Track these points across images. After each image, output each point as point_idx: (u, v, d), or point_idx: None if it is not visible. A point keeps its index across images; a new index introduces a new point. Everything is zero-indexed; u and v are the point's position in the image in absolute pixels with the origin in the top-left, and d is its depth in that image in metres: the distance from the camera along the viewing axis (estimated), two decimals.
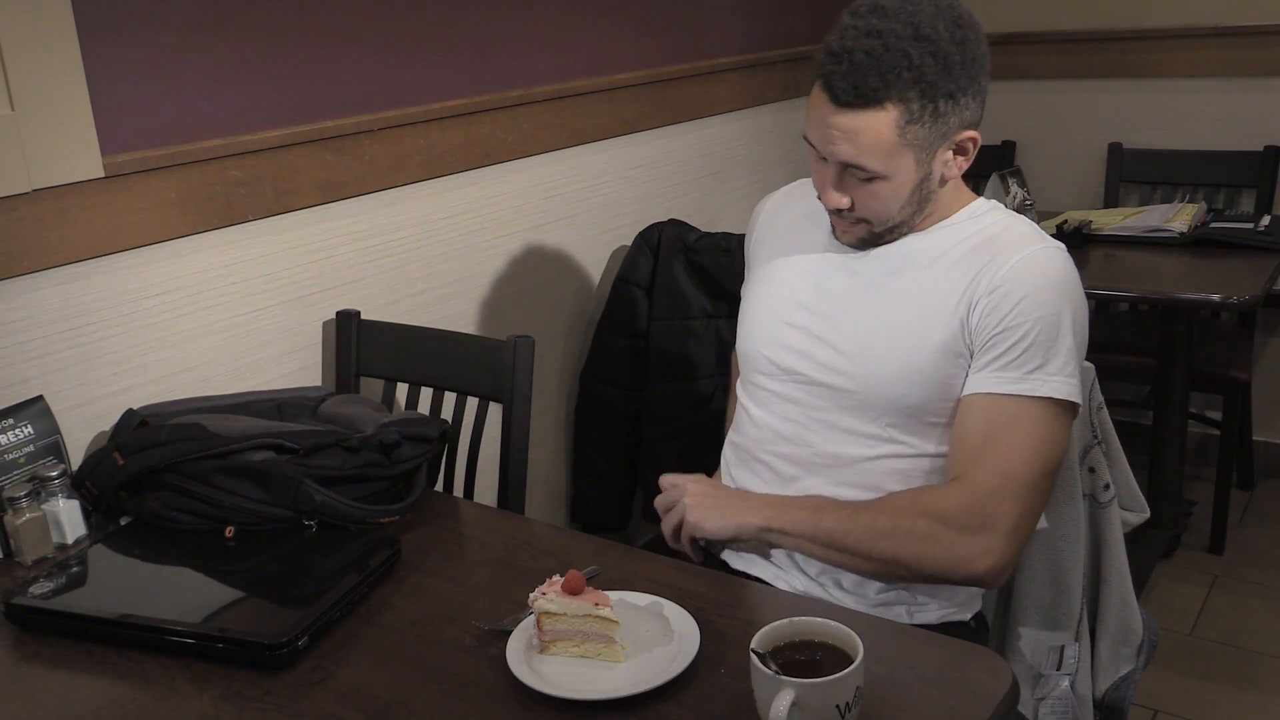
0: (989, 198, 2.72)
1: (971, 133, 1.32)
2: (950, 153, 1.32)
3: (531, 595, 1.10)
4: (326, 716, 1.04)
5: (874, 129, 1.26)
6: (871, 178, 1.30)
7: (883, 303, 1.38)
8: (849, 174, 1.32)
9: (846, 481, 1.38)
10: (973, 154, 1.35)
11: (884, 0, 1.27)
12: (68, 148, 1.50)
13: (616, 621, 1.08)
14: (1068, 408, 1.29)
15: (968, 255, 1.35)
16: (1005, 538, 1.26)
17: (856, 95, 1.24)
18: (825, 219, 1.45)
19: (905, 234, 1.39)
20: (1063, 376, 1.28)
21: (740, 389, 1.53)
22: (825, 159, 1.32)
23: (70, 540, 1.41)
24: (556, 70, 2.30)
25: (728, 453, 1.54)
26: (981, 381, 1.31)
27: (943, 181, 1.34)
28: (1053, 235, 2.57)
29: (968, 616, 1.40)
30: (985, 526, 1.25)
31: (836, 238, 1.43)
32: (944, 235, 1.38)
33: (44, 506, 1.39)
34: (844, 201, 1.34)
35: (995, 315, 1.29)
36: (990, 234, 1.37)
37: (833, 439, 1.39)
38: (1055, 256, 1.33)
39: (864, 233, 1.38)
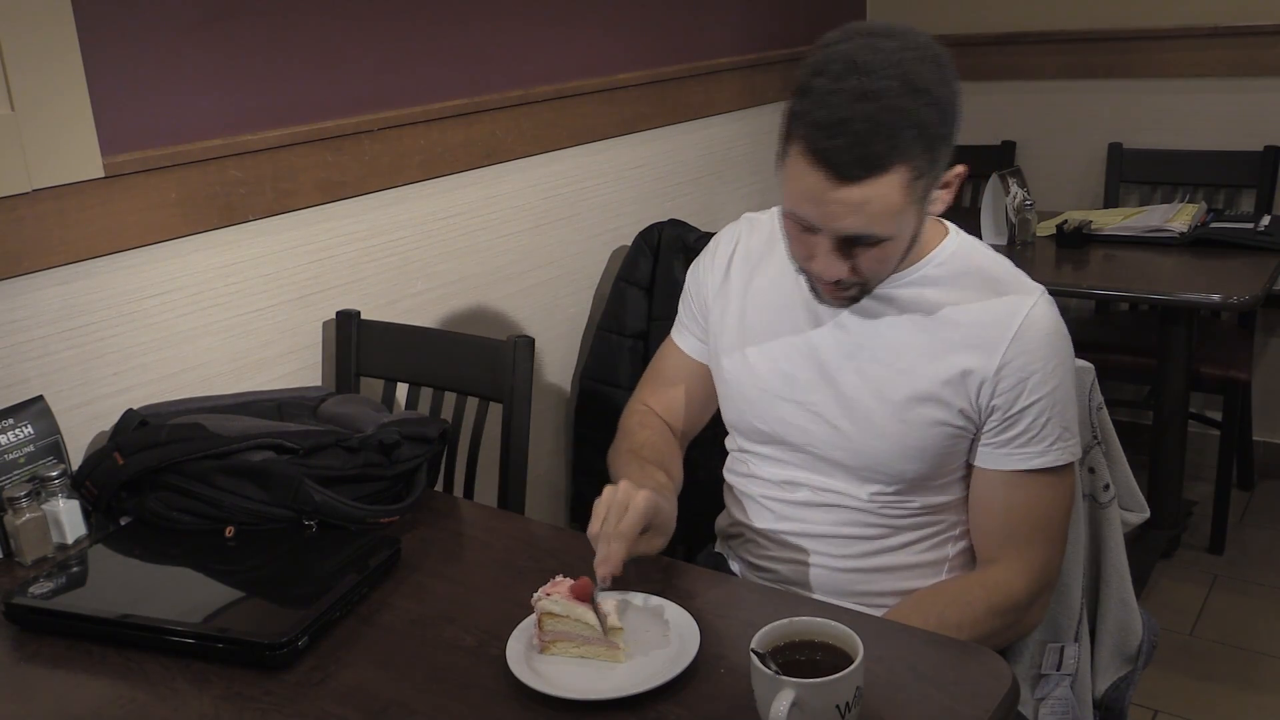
0: (989, 198, 2.74)
1: (959, 169, 1.24)
2: (938, 190, 1.24)
3: (535, 595, 1.10)
4: (326, 716, 1.04)
5: (883, 196, 1.15)
6: (878, 241, 1.21)
7: (877, 374, 1.32)
8: (851, 246, 1.22)
9: (848, 521, 1.37)
10: (956, 186, 1.26)
11: (858, 56, 1.14)
12: (68, 148, 1.50)
13: (621, 628, 1.08)
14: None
15: (960, 320, 1.29)
16: (1052, 588, 1.36)
17: (863, 167, 1.13)
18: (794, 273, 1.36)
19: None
20: (1076, 439, 1.31)
21: (732, 443, 1.49)
22: (814, 229, 1.22)
23: (70, 540, 1.41)
24: (556, 70, 2.30)
25: (726, 494, 1.52)
26: (1008, 459, 1.29)
27: (927, 217, 1.27)
28: (1052, 235, 2.62)
29: None
30: (1044, 589, 1.34)
31: (821, 300, 1.32)
32: (927, 285, 1.32)
33: (44, 506, 1.39)
34: (845, 272, 1.23)
35: (1007, 397, 1.27)
36: (977, 286, 1.31)
37: (833, 496, 1.37)
38: (1047, 312, 1.28)
39: (856, 294, 1.29)
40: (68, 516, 1.41)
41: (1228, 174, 2.95)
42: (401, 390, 1.88)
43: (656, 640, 1.10)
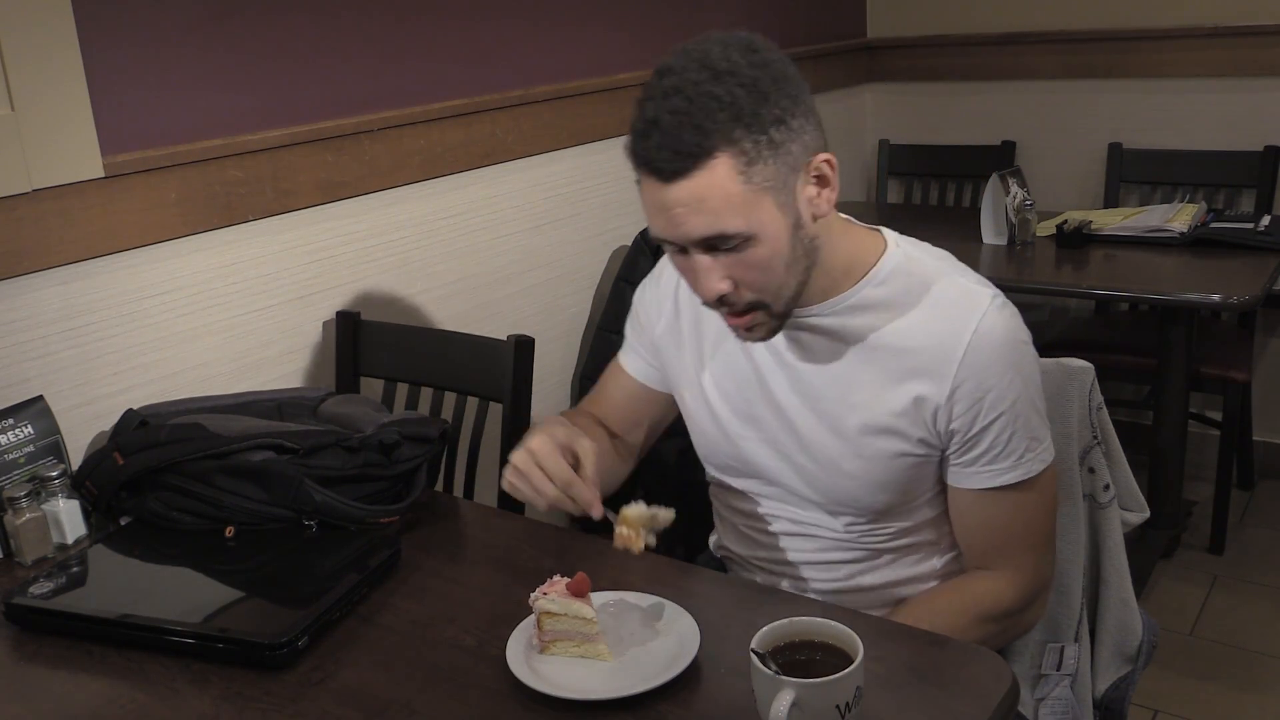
0: (989, 198, 2.73)
1: (824, 155, 1.16)
2: (811, 186, 1.16)
3: (532, 595, 1.10)
4: (326, 716, 1.04)
5: (716, 185, 1.10)
6: (740, 244, 1.13)
7: (829, 410, 1.27)
8: (717, 253, 1.15)
9: (828, 548, 1.35)
10: (835, 180, 1.17)
11: (668, 61, 1.14)
12: (68, 148, 1.50)
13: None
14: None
15: (905, 345, 1.22)
16: (1047, 588, 1.33)
17: (681, 157, 1.10)
18: None
19: (817, 303, 1.24)
20: (1047, 442, 1.26)
21: (709, 474, 1.46)
22: (685, 250, 1.16)
23: (70, 540, 1.41)
24: (556, 70, 2.30)
25: (714, 515, 1.50)
26: (976, 478, 1.25)
27: (815, 219, 1.17)
28: (1052, 235, 2.62)
29: None
30: (1037, 592, 1.31)
31: (741, 338, 1.26)
32: (867, 309, 1.24)
33: (44, 506, 1.39)
34: (724, 285, 1.16)
35: (964, 419, 1.22)
36: (920, 303, 1.23)
37: (810, 527, 1.35)
38: (997, 321, 1.21)
39: (765, 321, 1.20)
40: (68, 516, 1.41)
41: (1228, 174, 2.95)
42: (401, 390, 1.88)
43: (656, 640, 1.10)
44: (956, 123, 3.36)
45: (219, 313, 1.73)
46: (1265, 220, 2.54)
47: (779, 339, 1.27)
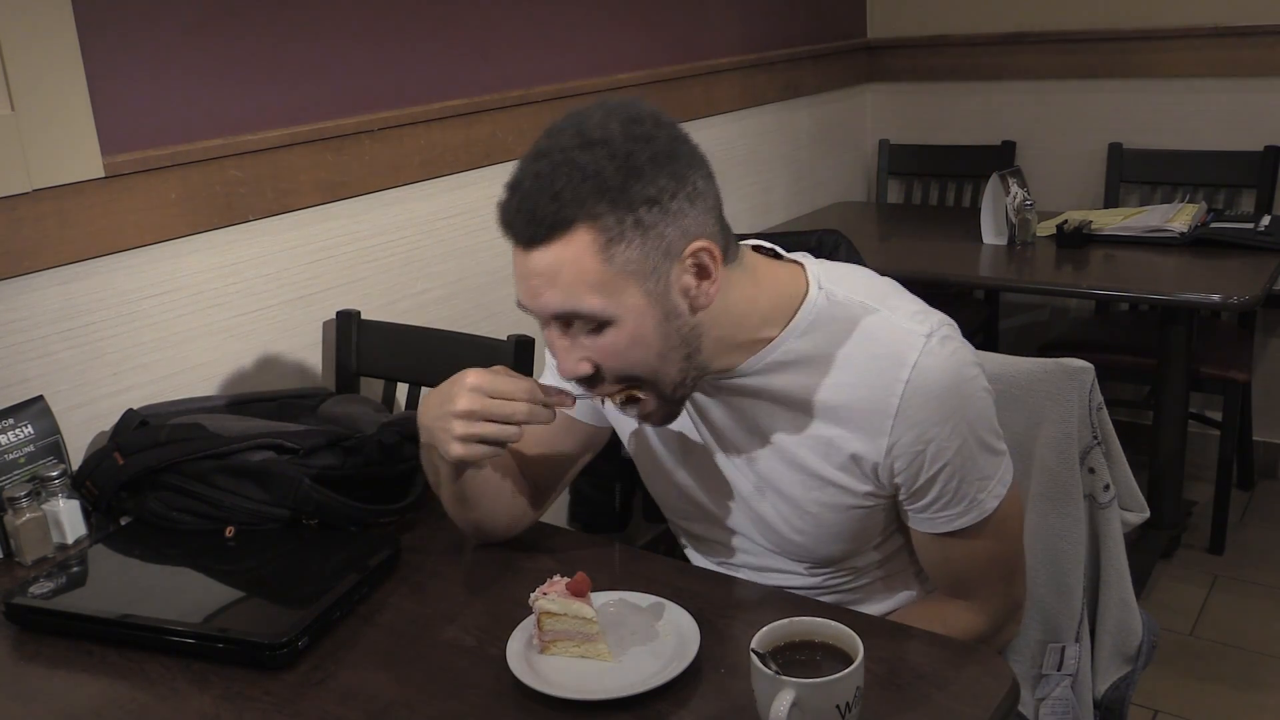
0: (989, 198, 2.73)
1: (701, 244, 1.05)
2: (689, 276, 1.07)
3: (532, 595, 1.10)
4: (326, 716, 1.04)
5: (572, 260, 1.02)
6: (598, 326, 1.06)
7: (768, 471, 1.21)
8: (576, 331, 1.08)
9: (804, 589, 1.30)
10: (717, 271, 1.07)
11: (554, 125, 1.08)
12: (68, 148, 1.50)
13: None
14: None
15: (836, 400, 1.15)
16: (1020, 607, 1.31)
17: (536, 224, 1.03)
18: None
19: (735, 364, 1.15)
20: (1000, 472, 1.18)
21: (665, 514, 1.42)
22: (549, 324, 1.10)
23: (70, 540, 1.41)
24: (556, 70, 2.30)
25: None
26: (929, 523, 1.19)
27: (694, 311, 1.08)
28: (1052, 235, 2.62)
29: None
30: (1009, 615, 1.29)
31: (640, 421, 1.19)
32: (792, 364, 1.15)
33: (44, 506, 1.39)
34: (583, 368, 1.09)
35: (907, 474, 1.15)
36: (849, 352, 1.14)
37: (774, 575, 1.31)
38: (934, 363, 1.11)
39: (656, 407, 1.13)
40: (68, 516, 1.41)
41: (1228, 174, 2.95)
42: (402, 390, 1.88)
43: (656, 640, 1.10)
44: (956, 123, 3.36)
45: (219, 313, 1.73)
46: (1265, 220, 2.54)
47: (700, 401, 1.21)
